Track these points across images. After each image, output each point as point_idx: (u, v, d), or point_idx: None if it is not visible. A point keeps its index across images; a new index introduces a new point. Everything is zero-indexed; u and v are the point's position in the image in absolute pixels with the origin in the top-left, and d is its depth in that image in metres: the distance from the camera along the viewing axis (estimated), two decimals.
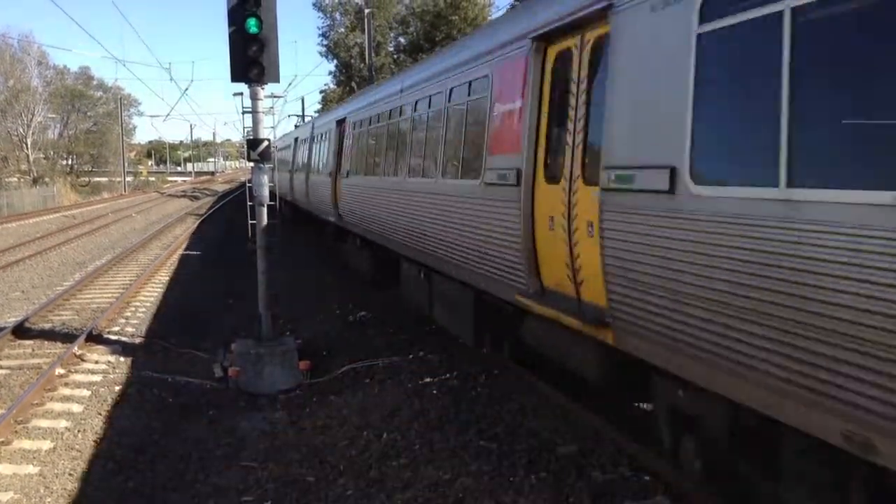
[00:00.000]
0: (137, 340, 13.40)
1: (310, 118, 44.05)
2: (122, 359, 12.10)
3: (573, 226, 6.66)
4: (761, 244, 4.31)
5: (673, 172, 5.06)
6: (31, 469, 7.91)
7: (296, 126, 44.32)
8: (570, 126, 6.76)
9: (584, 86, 6.63)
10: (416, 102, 11.61)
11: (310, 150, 24.00)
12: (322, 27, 66.03)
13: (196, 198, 68.13)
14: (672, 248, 5.08)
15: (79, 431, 8.94)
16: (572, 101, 6.77)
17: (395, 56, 60.11)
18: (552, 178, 7.11)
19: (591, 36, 6.53)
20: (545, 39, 7.28)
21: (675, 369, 5.27)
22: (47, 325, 14.41)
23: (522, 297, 7.48)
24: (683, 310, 5.01)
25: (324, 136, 21.09)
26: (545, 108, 7.32)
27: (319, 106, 68.05)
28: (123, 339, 13.46)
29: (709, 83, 4.90)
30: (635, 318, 5.60)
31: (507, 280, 7.87)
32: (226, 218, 40.75)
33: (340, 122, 18.47)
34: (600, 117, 6.13)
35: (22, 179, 64.85)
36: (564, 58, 7.03)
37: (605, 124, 6.01)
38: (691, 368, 5.07)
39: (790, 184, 4.16)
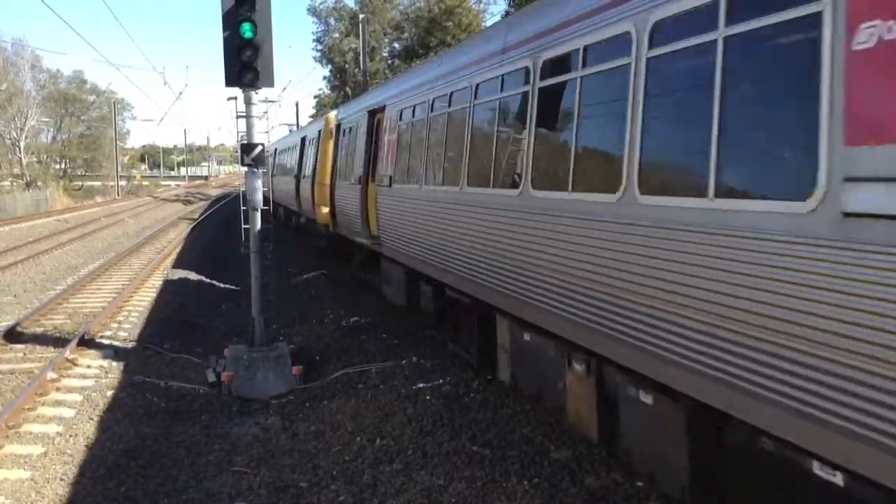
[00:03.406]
0: (130, 345, 13.36)
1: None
2: (114, 363, 12.07)
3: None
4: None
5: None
6: (23, 474, 7.88)
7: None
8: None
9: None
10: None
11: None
12: (317, 32, 66.19)
13: (189, 202, 68.04)
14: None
15: (71, 436, 8.92)
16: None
17: (390, 61, 60.19)
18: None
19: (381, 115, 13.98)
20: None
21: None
22: (39, 330, 14.37)
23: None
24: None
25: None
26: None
27: (314, 111, 68.07)
28: (116, 343, 13.43)
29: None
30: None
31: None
32: (219, 222, 40.70)
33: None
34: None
35: (15, 183, 64.71)
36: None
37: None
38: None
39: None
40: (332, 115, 20.42)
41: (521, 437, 8.12)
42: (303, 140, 25.90)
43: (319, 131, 21.19)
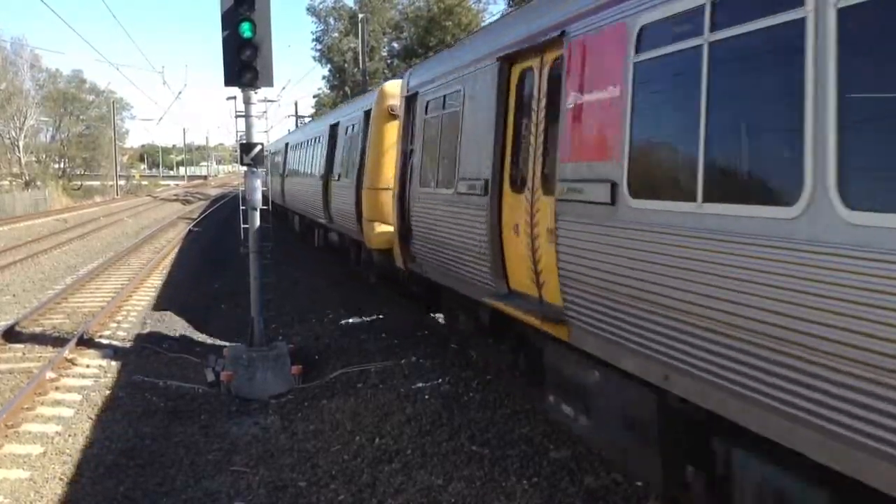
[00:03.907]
0: (129, 344, 13.36)
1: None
2: (113, 363, 12.06)
3: None
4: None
5: None
6: (22, 474, 7.87)
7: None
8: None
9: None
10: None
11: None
12: (316, 32, 66.21)
13: (188, 202, 68.01)
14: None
15: (70, 436, 8.91)
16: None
17: (389, 61, 60.22)
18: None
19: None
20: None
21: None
22: (38, 329, 14.36)
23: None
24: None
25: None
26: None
27: (314, 110, 68.12)
28: (115, 343, 13.43)
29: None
30: None
31: None
32: (219, 222, 40.68)
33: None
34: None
35: (13, 182, 64.67)
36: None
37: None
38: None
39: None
40: (392, 85, 14.45)
41: (521, 437, 8.12)
42: (333, 129, 19.34)
43: (366, 112, 15.29)
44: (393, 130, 13.21)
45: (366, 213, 14.41)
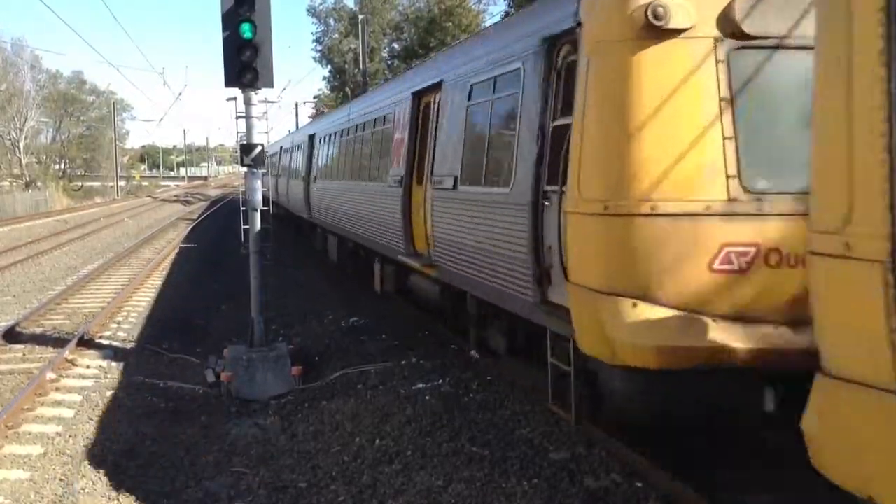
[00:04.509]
0: (129, 345, 13.36)
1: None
2: (113, 364, 12.06)
3: None
4: None
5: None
6: (22, 474, 7.87)
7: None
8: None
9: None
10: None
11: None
12: (316, 33, 66.23)
13: (189, 202, 68.04)
14: None
15: (70, 437, 8.91)
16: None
17: (390, 62, 60.25)
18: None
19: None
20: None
21: None
22: (38, 330, 14.37)
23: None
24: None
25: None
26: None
27: (314, 110, 68.15)
28: (115, 343, 13.43)
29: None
30: None
31: None
32: (217, 222, 40.69)
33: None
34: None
35: (14, 183, 64.77)
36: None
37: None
38: None
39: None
40: None
41: (521, 438, 8.12)
42: (419, 98, 11.94)
43: (549, 41, 7.40)
44: (672, 68, 5.95)
45: (582, 271, 6.42)
